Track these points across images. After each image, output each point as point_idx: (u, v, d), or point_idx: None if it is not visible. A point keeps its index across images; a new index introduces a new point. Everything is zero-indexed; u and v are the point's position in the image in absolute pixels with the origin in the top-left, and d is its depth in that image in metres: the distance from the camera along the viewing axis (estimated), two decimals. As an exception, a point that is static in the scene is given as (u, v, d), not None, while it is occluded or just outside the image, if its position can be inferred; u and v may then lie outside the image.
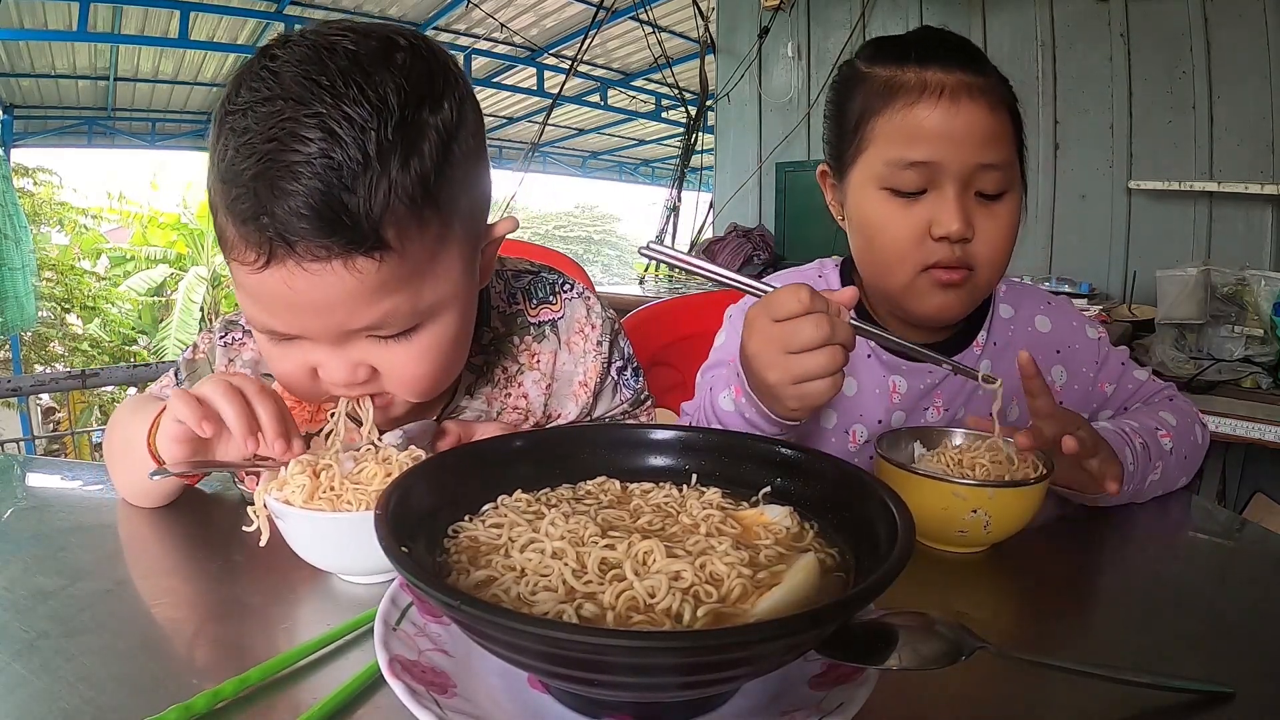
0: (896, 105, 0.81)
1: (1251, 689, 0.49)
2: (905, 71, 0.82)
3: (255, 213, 0.56)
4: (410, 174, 0.58)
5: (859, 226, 0.88)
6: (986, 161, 0.80)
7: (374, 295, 0.60)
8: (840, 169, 0.89)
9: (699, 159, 4.49)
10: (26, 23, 5.20)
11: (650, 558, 0.43)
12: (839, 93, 0.89)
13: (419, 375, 0.67)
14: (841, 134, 0.88)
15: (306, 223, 0.55)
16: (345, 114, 0.55)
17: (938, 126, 0.79)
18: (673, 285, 3.70)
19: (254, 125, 0.56)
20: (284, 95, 0.56)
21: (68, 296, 8.37)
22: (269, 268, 0.58)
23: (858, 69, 0.87)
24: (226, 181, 0.57)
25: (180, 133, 8.17)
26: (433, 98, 0.60)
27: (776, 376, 0.66)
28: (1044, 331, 0.95)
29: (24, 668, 0.48)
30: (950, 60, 0.81)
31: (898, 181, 0.81)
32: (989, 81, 0.81)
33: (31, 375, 4.74)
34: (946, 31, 0.86)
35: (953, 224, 0.79)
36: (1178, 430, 0.85)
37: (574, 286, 0.89)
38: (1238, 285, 2.24)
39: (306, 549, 0.60)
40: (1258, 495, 2.41)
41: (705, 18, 4.12)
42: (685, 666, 0.35)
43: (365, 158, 0.56)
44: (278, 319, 0.62)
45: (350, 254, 0.57)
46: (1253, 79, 2.53)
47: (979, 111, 0.79)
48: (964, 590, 0.65)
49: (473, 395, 0.83)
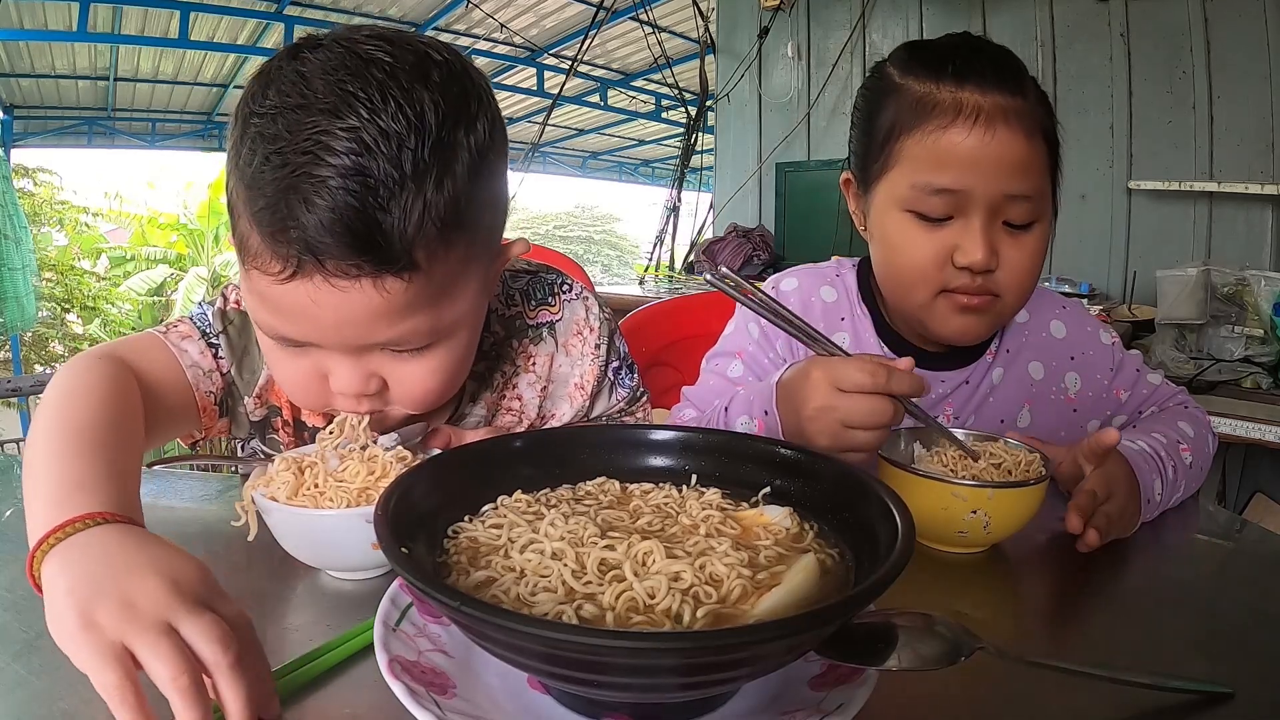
0: (928, 127, 0.78)
1: (1251, 689, 0.49)
2: (940, 89, 0.78)
3: (284, 224, 0.54)
4: (444, 195, 0.57)
5: (881, 243, 0.86)
6: (1016, 192, 0.77)
7: (398, 314, 0.60)
8: (865, 181, 0.86)
9: (699, 159, 4.49)
10: (26, 23, 5.20)
11: (650, 558, 0.43)
12: (869, 101, 0.85)
13: (428, 390, 0.67)
14: (869, 146, 0.84)
15: (339, 240, 0.54)
16: (381, 129, 0.54)
17: (969, 154, 0.76)
18: (673, 285, 3.70)
19: (285, 133, 0.54)
20: (318, 104, 0.54)
21: (68, 296, 8.36)
22: (294, 280, 0.57)
23: (891, 78, 0.83)
24: (254, 189, 0.56)
25: (180, 133, 8.18)
26: (467, 118, 0.59)
27: (827, 443, 0.66)
28: (1059, 338, 0.95)
29: (24, 668, 0.48)
30: (988, 78, 0.77)
31: (923, 206, 0.79)
32: (1027, 104, 0.77)
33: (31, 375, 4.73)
34: (985, 41, 0.82)
35: (976, 254, 0.77)
36: (1195, 443, 0.84)
37: (573, 287, 0.88)
38: (1238, 285, 2.24)
39: (292, 544, 0.60)
40: (1258, 495, 2.41)
41: (705, 18, 4.12)
42: (685, 667, 0.35)
43: (401, 176, 0.54)
44: (294, 328, 0.61)
45: (380, 274, 0.57)
46: (1253, 79, 2.53)
47: (1014, 139, 0.76)
48: (964, 590, 0.65)
49: (475, 402, 0.83)
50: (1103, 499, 0.70)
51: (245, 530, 0.60)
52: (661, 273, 4.08)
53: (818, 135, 3.67)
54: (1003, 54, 0.80)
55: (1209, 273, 2.26)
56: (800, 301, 0.96)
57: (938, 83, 0.78)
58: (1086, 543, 0.67)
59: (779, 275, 1.00)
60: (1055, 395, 0.94)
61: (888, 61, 0.85)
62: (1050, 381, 0.94)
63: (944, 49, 0.81)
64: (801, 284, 0.97)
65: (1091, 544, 0.68)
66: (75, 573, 0.43)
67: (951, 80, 0.78)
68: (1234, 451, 2.39)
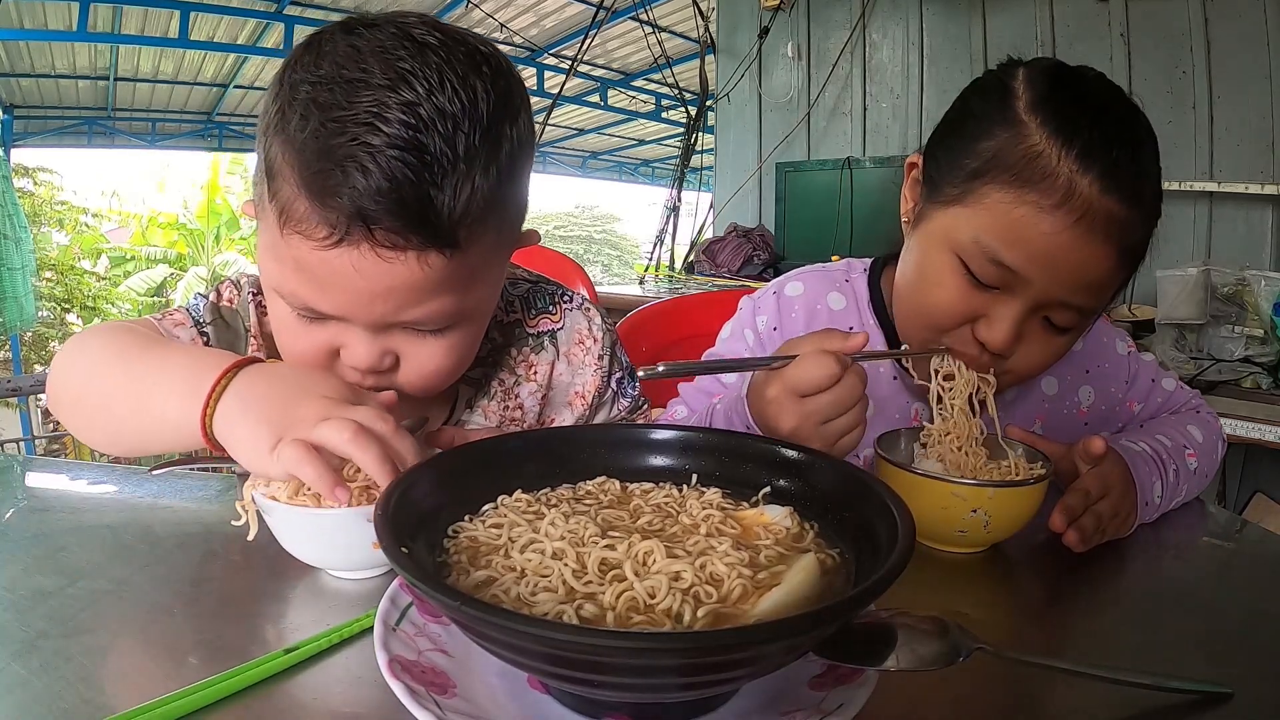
0: (1026, 194, 0.67)
1: (1251, 689, 0.49)
2: (1062, 160, 0.66)
3: (338, 189, 0.55)
4: (488, 181, 0.59)
5: (916, 262, 0.78)
6: (1074, 303, 0.71)
7: (432, 291, 0.61)
8: (934, 187, 0.76)
9: (699, 159, 4.48)
10: (26, 23, 5.20)
11: (650, 558, 0.43)
12: (978, 110, 0.74)
13: (439, 368, 0.68)
14: (954, 161, 0.73)
15: (392, 210, 0.55)
16: (438, 108, 0.56)
17: (1051, 248, 0.67)
18: (673, 285, 3.70)
19: (342, 101, 0.55)
20: (375, 79, 0.56)
21: (68, 296, 8.37)
22: (339, 247, 0.57)
23: (1015, 104, 0.70)
24: (305, 153, 0.56)
25: (180, 133, 8.17)
26: (511, 110, 0.62)
27: (820, 445, 0.65)
28: (1075, 350, 0.90)
29: (24, 668, 0.48)
30: (1115, 174, 0.66)
31: (975, 266, 0.71)
32: (1136, 217, 0.67)
33: (31, 375, 4.73)
34: (1135, 113, 0.71)
35: (998, 339, 0.72)
36: (1202, 448, 0.83)
37: (574, 298, 0.88)
38: (1238, 285, 2.24)
39: (292, 544, 0.60)
40: (1258, 495, 2.41)
41: (705, 18, 4.12)
42: (685, 667, 0.35)
43: (454, 156, 0.56)
44: (326, 299, 0.61)
45: (426, 249, 0.58)
46: (1253, 79, 2.53)
47: (1104, 256, 0.67)
48: (964, 590, 0.65)
49: (472, 409, 0.83)
50: (1095, 498, 0.70)
51: (245, 530, 0.61)
52: (661, 273, 4.08)
53: (818, 135, 3.67)
54: (1144, 146, 0.69)
55: (1209, 273, 2.26)
56: (805, 309, 0.91)
57: (1064, 148, 0.67)
58: (1067, 542, 0.67)
59: (784, 278, 0.95)
60: (1068, 409, 0.92)
61: (1022, 75, 0.72)
62: (1064, 396, 0.91)
63: (1089, 105, 0.69)
64: (808, 289, 0.92)
65: (1071, 544, 0.67)
66: (251, 413, 0.55)
67: (1078, 156, 0.66)
68: (1234, 451, 2.39)
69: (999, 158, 0.69)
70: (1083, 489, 0.70)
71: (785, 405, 0.65)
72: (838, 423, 0.64)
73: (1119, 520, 0.71)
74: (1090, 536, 0.68)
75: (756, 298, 0.95)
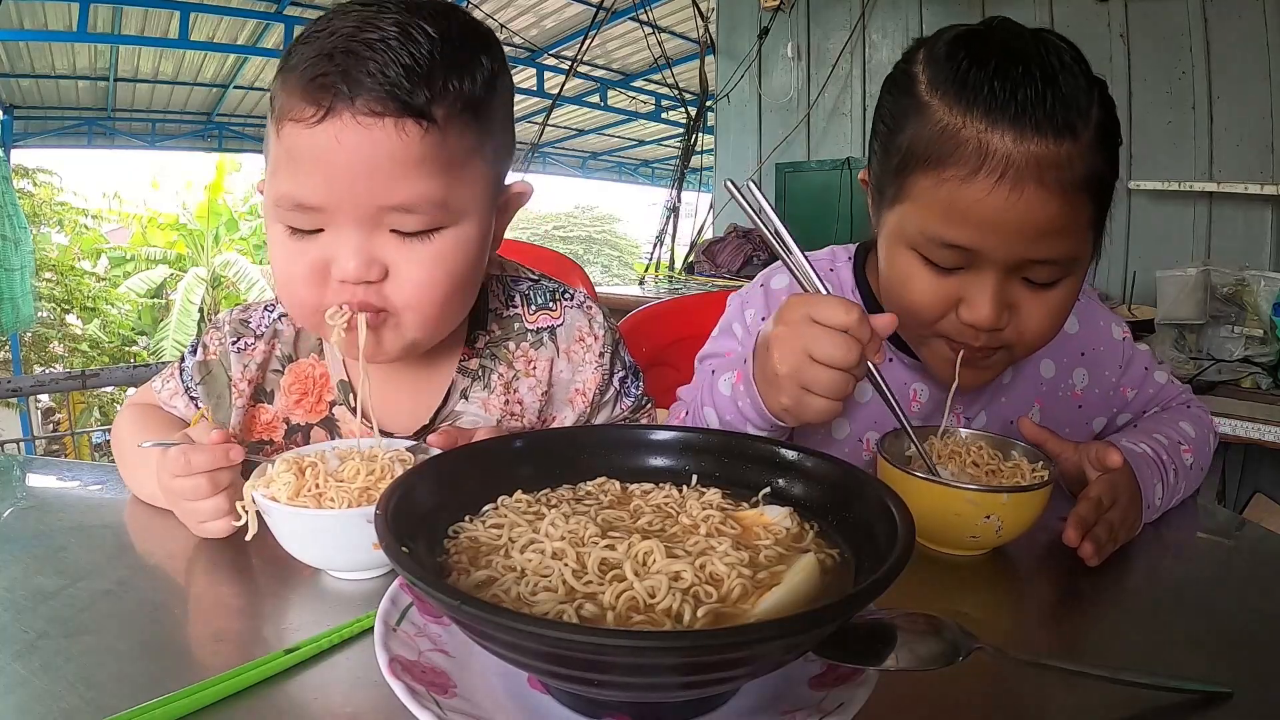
0: (944, 173, 0.67)
1: (1251, 689, 0.49)
2: (967, 124, 0.65)
3: (325, 69, 0.63)
4: (464, 84, 0.67)
5: (885, 267, 0.78)
6: (1040, 257, 0.68)
7: (413, 169, 0.65)
8: (880, 194, 0.77)
9: (699, 159, 4.49)
10: (26, 23, 5.20)
11: (650, 558, 0.43)
12: (890, 108, 0.74)
13: (429, 280, 0.69)
14: (885, 163, 0.74)
15: (372, 81, 0.62)
16: (419, 26, 0.65)
17: (987, 214, 0.65)
18: (673, 285, 3.71)
19: (336, 20, 0.65)
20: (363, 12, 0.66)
21: (67, 297, 8.37)
22: (324, 121, 0.63)
23: (918, 87, 0.70)
24: (298, 53, 0.65)
25: (180, 133, 8.18)
26: (484, 43, 0.71)
27: (787, 370, 0.65)
28: (1071, 333, 0.91)
29: (24, 668, 0.48)
30: (1029, 119, 0.64)
31: (931, 254, 0.71)
32: (1075, 149, 0.64)
33: (31, 375, 4.73)
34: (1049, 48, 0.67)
35: (982, 314, 0.70)
36: (1195, 443, 0.83)
37: (574, 296, 0.88)
38: (1238, 285, 2.25)
39: (292, 544, 0.60)
40: (1258, 495, 2.41)
41: (705, 18, 4.12)
42: (685, 666, 0.35)
43: (432, 60, 0.65)
44: (313, 187, 0.65)
45: (402, 116, 0.63)
46: (1253, 79, 2.53)
47: (1046, 201, 0.65)
48: (964, 590, 0.65)
49: (467, 399, 0.83)
50: (1106, 506, 0.69)
51: (245, 530, 0.61)
52: (661, 273, 4.08)
53: (817, 135, 3.67)
54: (1061, 75, 0.65)
55: (1209, 273, 2.26)
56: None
57: (966, 113, 0.65)
58: (1082, 555, 0.66)
59: (769, 270, 0.95)
60: (1063, 392, 0.92)
61: (920, 56, 0.72)
62: (1060, 379, 0.92)
63: (986, 61, 0.66)
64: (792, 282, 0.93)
65: (1086, 557, 0.66)
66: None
67: (982, 115, 0.65)
68: (1234, 451, 2.39)
69: (914, 147, 0.69)
70: (1094, 498, 0.69)
71: (793, 317, 0.65)
72: (820, 374, 0.64)
73: (1127, 526, 0.71)
74: (1104, 547, 0.67)
75: (744, 293, 0.95)
